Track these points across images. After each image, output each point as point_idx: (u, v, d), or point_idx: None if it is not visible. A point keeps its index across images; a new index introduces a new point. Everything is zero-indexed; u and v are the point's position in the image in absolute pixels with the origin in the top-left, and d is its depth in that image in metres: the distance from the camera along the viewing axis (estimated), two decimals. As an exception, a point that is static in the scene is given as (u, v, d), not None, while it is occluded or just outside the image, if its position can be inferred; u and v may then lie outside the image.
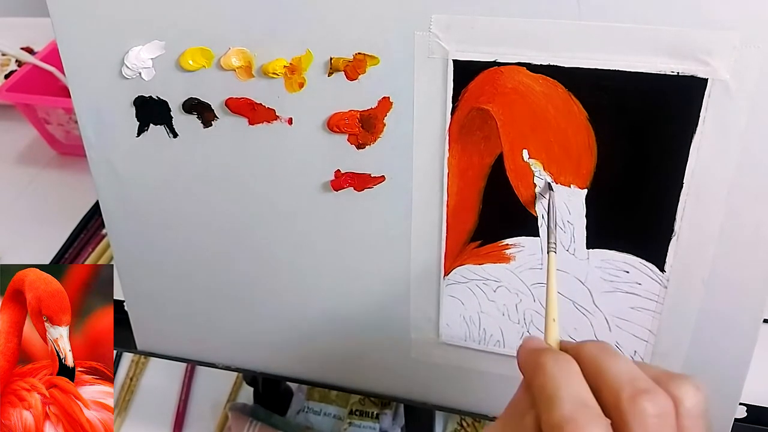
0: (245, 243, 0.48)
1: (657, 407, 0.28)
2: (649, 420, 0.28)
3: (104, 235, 0.83)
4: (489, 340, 0.47)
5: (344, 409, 0.68)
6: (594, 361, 0.30)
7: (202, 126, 0.45)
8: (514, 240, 0.43)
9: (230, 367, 0.56)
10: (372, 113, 0.41)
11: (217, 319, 0.53)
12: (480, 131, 0.40)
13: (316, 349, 0.52)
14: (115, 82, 0.44)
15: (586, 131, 0.38)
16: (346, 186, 0.44)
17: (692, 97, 0.36)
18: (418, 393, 0.51)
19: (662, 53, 0.35)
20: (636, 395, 0.28)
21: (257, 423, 0.65)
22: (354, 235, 0.46)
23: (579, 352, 0.31)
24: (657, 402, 0.28)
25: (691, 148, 0.37)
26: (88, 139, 0.47)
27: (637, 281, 0.42)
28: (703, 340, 0.42)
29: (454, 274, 0.45)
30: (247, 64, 0.42)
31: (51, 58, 0.96)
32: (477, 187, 0.42)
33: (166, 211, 0.49)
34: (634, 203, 0.40)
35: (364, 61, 0.40)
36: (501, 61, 0.38)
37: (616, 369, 0.29)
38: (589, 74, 0.37)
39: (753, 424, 0.48)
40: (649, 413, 0.28)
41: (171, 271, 0.52)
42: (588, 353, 0.31)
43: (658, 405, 0.28)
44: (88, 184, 0.52)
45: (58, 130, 0.95)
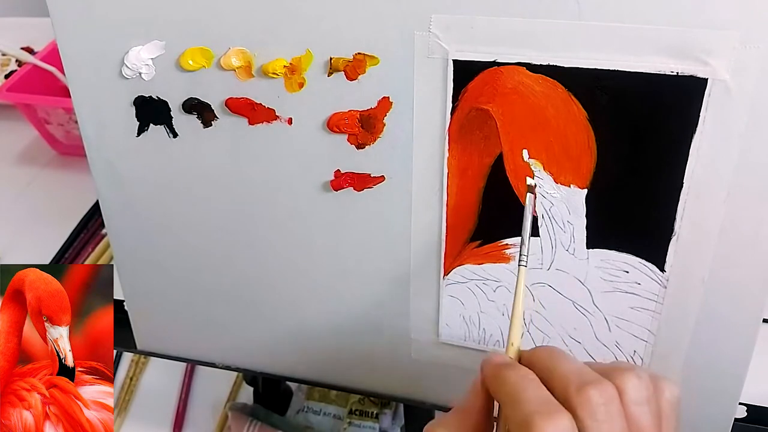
0: (245, 243, 0.48)
1: (603, 396, 0.30)
2: (597, 408, 0.30)
3: (104, 235, 0.83)
4: (489, 340, 0.47)
5: (344, 409, 0.68)
6: (545, 364, 0.33)
7: (202, 126, 0.45)
8: (514, 240, 0.43)
9: (230, 367, 0.56)
10: (372, 113, 0.41)
11: (217, 319, 0.53)
12: (480, 131, 0.40)
13: (316, 349, 0.52)
14: (115, 82, 0.44)
15: (586, 131, 0.38)
16: (345, 186, 0.44)
17: (692, 97, 0.36)
18: (418, 393, 0.51)
19: (662, 53, 0.35)
20: (582, 386, 0.30)
21: (257, 423, 0.65)
22: (354, 235, 0.46)
23: (531, 359, 0.34)
24: (603, 391, 0.30)
25: (691, 148, 0.37)
26: (88, 139, 0.47)
27: (637, 281, 0.42)
28: (703, 340, 0.42)
29: (454, 274, 0.45)
30: (247, 64, 0.42)
31: (51, 58, 0.96)
32: (477, 187, 0.42)
33: (166, 210, 0.49)
34: (634, 203, 0.40)
35: (364, 61, 0.40)
36: (501, 61, 0.38)
37: (564, 367, 0.32)
38: (589, 74, 0.37)
39: (753, 424, 0.48)
40: (596, 401, 0.30)
41: (171, 271, 0.52)
42: (539, 358, 0.34)
43: (605, 393, 0.30)
44: (88, 184, 0.52)
45: (58, 130, 0.95)
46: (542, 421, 0.29)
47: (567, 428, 0.29)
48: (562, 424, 0.29)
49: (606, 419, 0.30)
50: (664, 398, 0.32)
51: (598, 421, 0.30)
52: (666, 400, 0.32)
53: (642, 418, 0.31)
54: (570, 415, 0.30)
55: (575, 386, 0.31)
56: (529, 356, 0.34)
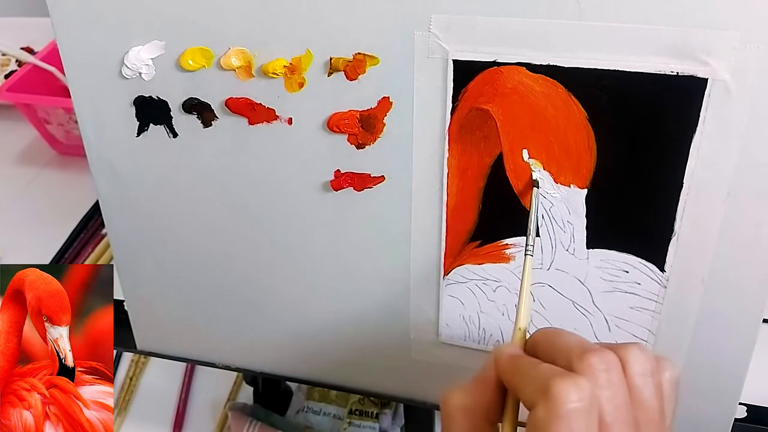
0: (245, 243, 0.48)
1: (605, 362, 0.30)
2: (599, 375, 0.30)
3: (104, 235, 0.83)
4: (489, 340, 0.47)
5: (344, 409, 0.68)
6: (547, 339, 0.33)
7: (202, 126, 0.45)
8: (514, 240, 0.43)
9: (230, 367, 0.56)
10: (372, 113, 0.41)
11: (217, 319, 0.53)
12: (480, 131, 0.40)
13: (316, 348, 0.52)
14: (115, 82, 0.44)
15: (586, 131, 0.38)
16: (345, 186, 0.44)
17: (692, 97, 0.36)
18: (418, 393, 0.51)
19: (662, 53, 0.35)
20: (583, 353, 0.31)
21: (257, 423, 0.65)
22: (354, 235, 0.46)
23: (534, 338, 0.34)
24: (604, 357, 0.30)
25: (691, 148, 0.37)
26: (88, 139, 0.47)
27: (637, 281, 0.42)
28: (702, 340, 0.42)
29: (454, 274, 0.45)
30: (247, 64, 0.42)
31: (51, 58, 0.96)
32: (477, 187, 0.42)
33: (166, 211, 0.49)
34: (634, 203, 0.40)
35: (364, 61, 0.40)
36: (501, 61, 0.38)
37: (566, 338, 0.33)
38: (589, 74, 0.37)
39: (753, 424, 0.48)
40: (598, 367, 0.30)
41: (171, 271, 0.52)
42: (540, 335, 0.34)
43: (606, 360, 0.30)
44: (88, 184, 0.52)
45: (58, 130, 0.95)
46: (560, 383, 0.29)
47: (585, 388, 0.29)
48: (581, 382, 0.29)
49: (607, 385, 0.30)
50: (665, 377, 0.32)
51: (600, 386, 0.30)
52: (667, 379, 0.32)
53: (645, 390, 0.31)
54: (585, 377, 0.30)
55: (576, 353, 0.31)
56: (532, 338, 0.35)
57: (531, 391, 0.30)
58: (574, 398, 0.29)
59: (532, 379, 0.31)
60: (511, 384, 0.33)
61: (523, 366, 0.32)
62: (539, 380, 0.30)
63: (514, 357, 0.33)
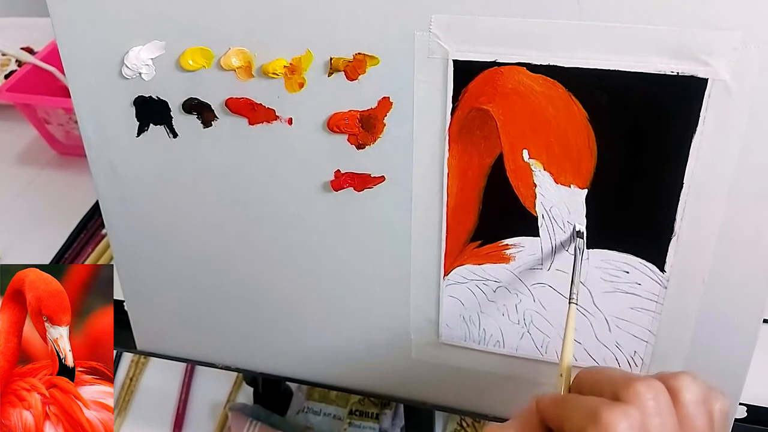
0: (245, 243, 0.48)
1: (651, 390, 0.30)
2: (647, 403, 0.29)
3: (104, 235, 0.83)
4: (489, 340, 0.47)
5: (344, 409, 0.68)
6: (590, 376, 0.33)
7: (202, 126, 0.45)
8: (514, 240, 0.43)
9: (230, 367, 0.56)
10: (372, 113, 0.41)
11: (217, 319, 0.53)
12: (480, 131, 0.40)
13: (316, 349, 0.52)
14: (115, 82, 0.44)
15: (586, 131, 0.38)
16: (346, 186, 0.44)
17: (692, 97, 0.36)
18: (418, 393, 0.51)
19: (662, 53, 0.35)
20: (629, 382, 0.30)
21: (257, 423, 0.65)
22: (354, 235, 0.46)
23: (578, 378, 0.34)
24: (650, 385, 0.30)
25: (691, 148, 0.37)
26: (88, 139, 0.47)
27: (637, 281, 0.42)
28: (703, 340, 0.42)
29: (454, 275, 0.45)
30: (247, 64, 0.42)
31: (51, 58, 0.96)
32: (477, 188, 0.42)
33: (166, 211, 0.49)
34: (634, 203, 0.40)
35: (364, 61, 0.40)
36: (501, 62, 0.38)
37: (610, 372, 0.32)
38: (589, 74, 0.37)
39: (753, 424, 0.48)
40: (645, 396, 0.29)
41: (171, 271, 0.52)
42: (584, 373, 0.34)
43: (653, 388, 0.30)
44: (88, 184, 0.52)
45: (58, 130, 0.95)
46: (609, 411, 0.29)
47: (635, 415, 0.29)
48: (629, 410, 0.29)
49: (656, 413, 0.29)
50: (716, 408, 0.31)
51: (649, 414, 0.29)
52: (717, 409, 0.31)
53: (697, 419, 0.30)
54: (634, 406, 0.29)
55: (622, 384, 0.30)
56: (577, 377, 0.34)
57: (578, 421, 0.30)
58: (624, 426, 0.28)
59: (579, 409, 0.30)
60: (556, 418, 0.32)
61: (569, 399, 0.32)
62: (587, 410, 0.30)
63: (557, 395, 0.33)
